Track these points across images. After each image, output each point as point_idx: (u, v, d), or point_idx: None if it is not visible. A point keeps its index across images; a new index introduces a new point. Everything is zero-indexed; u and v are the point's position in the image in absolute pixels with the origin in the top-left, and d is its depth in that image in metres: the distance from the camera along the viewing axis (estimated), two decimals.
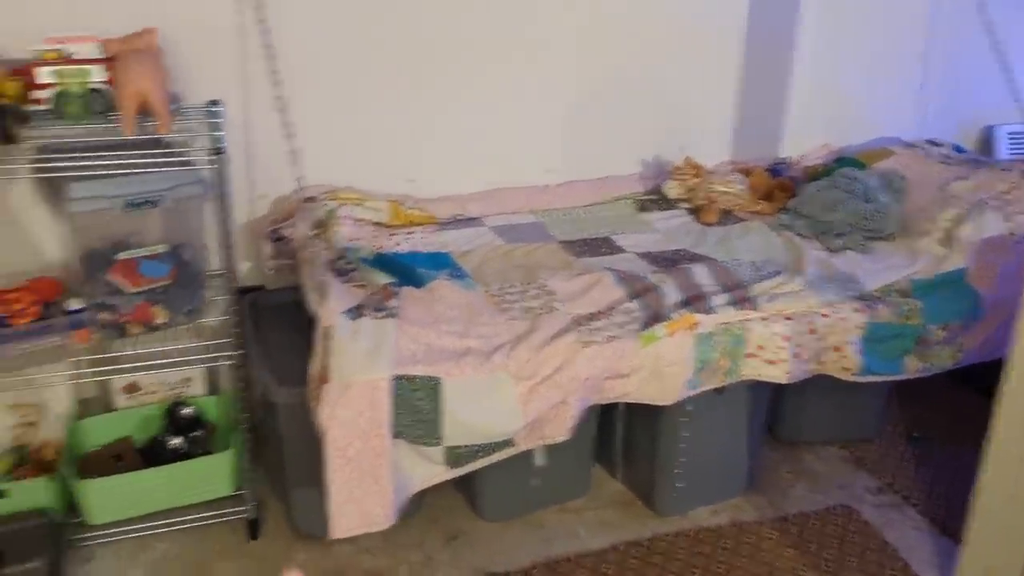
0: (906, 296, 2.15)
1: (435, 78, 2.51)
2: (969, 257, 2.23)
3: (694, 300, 2.05)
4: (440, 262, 2.24)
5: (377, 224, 2.41)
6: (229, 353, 2.05)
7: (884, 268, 2.23)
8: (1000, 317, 2.18)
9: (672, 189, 2.63)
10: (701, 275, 2.14)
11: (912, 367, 2.15)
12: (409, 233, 2.39)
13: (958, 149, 2.88)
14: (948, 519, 2.20)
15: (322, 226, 2.28)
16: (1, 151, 1.81)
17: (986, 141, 3.20)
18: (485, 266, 2.25)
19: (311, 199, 2.36)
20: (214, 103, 2.08)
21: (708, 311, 2.00)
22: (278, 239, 2.31)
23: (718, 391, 2.06)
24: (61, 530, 1.91)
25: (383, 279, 2.04)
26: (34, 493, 1.92)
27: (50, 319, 1.89)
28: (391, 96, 2.48)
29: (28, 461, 2.10)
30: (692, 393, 2.01)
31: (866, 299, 2.12)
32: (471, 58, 2.53)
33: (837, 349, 2.07)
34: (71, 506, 2.02)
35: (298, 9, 2.27)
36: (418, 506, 2.15)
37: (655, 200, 2.68)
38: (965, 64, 3.10)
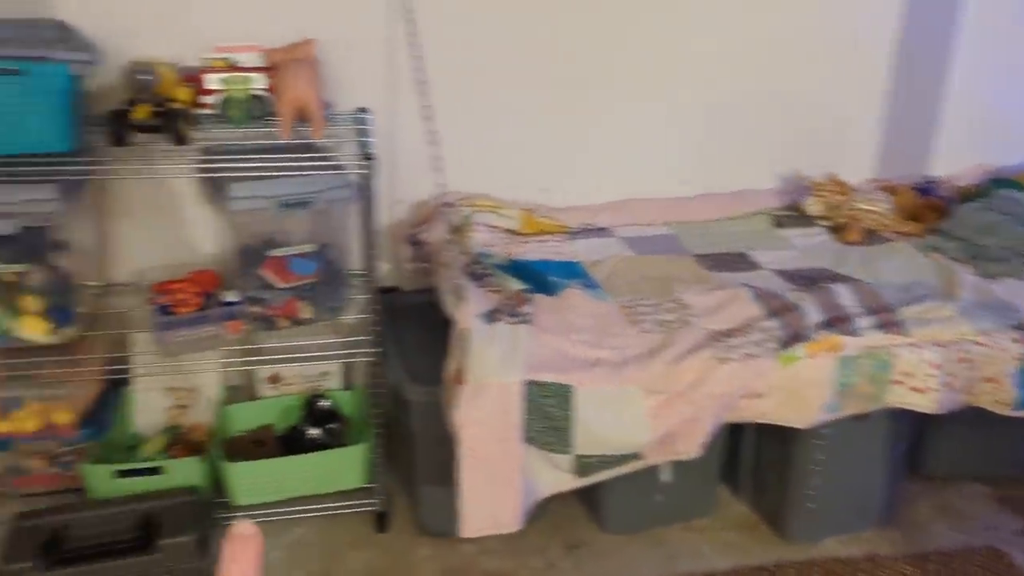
0: None
1: (572, 89, 2.53)
2: None
3: (837, 321, 1.98)
4: (572, 271, 2.25)
5: (509, 231, 2.45)
6: (366, 350, 2.13)
7: None
8: None
9: (813, 206, 2.55)
10: (844, 296, 2.06)
11: None
12: (540, 241, 2.42)
13: None
14: None
15: (458, 231, 2.34)
16: (172, 151, 1.95)
17: None
18: (616, 277, 2.24)
19: (448, 205, 2.42)
20: (363, 111, 2.18)
21: (852, 333, 1.93)
22: (416, 242, 2.38)
23: (858, 417, 1.98)
24: (209, 508, 2.03)
25: (517, 285, 2.07)
26: (186, 471, 2.05)
27: (208, 310, 2.01)
28: (529, 107, 2.51)
29: (180, 441, 2.24)
30: (830, 417, 1.94)
31: None
32: (609, 69, 2.54)
33: (992, 381, 1.95)
34: (217, 486, 2.14)
35: (446, 22, 2.34)
36: (541, 513, 2.16)
37: (793, 216, 2.61)
38: None
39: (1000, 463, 2.35)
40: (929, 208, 2.54)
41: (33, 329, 1.91)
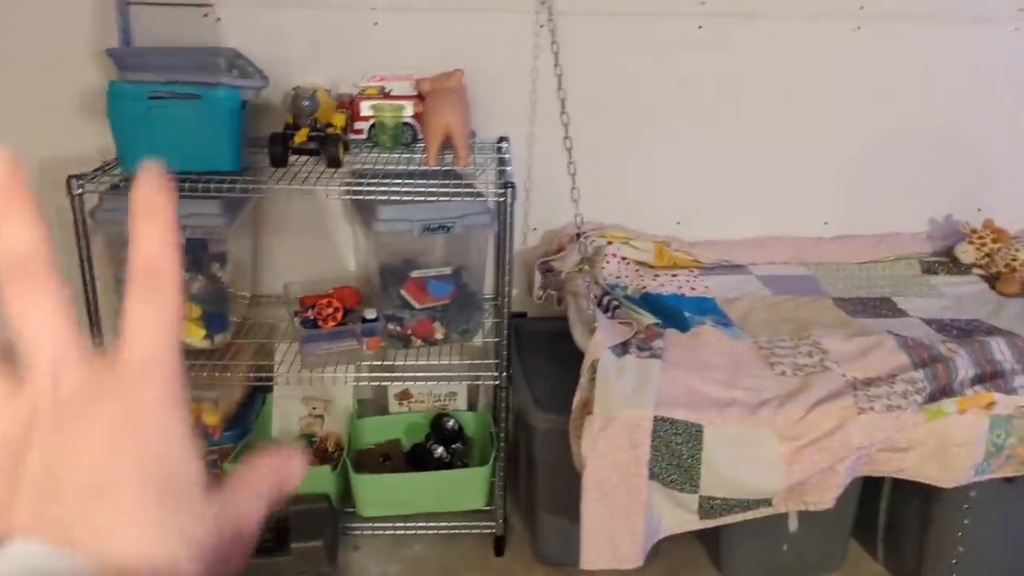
0: None
1: (712, 123, 2.50)
2: None
3: (991, 377, 1.86)
4: (705, 307, 2.22)
5: (641, 264, 2.44)
6: (494, 373, 2.16)
7: None
8: None
9: (966, 253, 2.42)
10: (1000, 350, 1.94)
11: None
12: (673, 275, 2.40)
13: None
14: None
15: (589, 261, 2.35)
16: (325, 174, 2.06)
17: None
18: (751, 316, 2.19)
19: (582, 234, 2.43)
20: (504, 139, 2.23)
21: (1008, 391, 1.81)
22: (547, 270, 2.41)
23: (1010, 480, 1.85)
24: (337, 516, 2.10)
25: (648, 319, 2.06)
26: (318, 479, 2.14)
27: (349, 325, 2.10)
28: (667, 139, 2.50)
29: (313, 450, 2.34)
30: (979, 479, 1.82)
31: None
32: (750, 104, 2.50)
33: None
34: (346, 496, 2.22)
35: (589, 55, 2.37)
36: (661, 552, 2.12)
37: (943, 263, 2.48)
38: None
39: None
40: None
41: (191, 334, 2.06)
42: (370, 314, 2.10)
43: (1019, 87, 2.51)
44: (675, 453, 1.78)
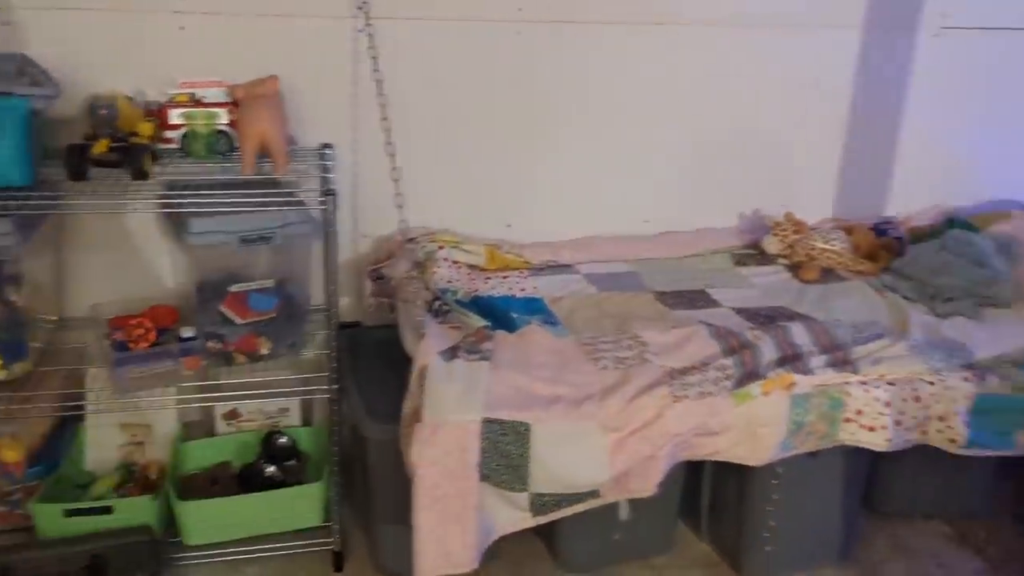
0: (1020, 367, 2.04)
1: (536, 127, 2.56)
2: None
3: (791, 359, 2.00)
4: (534, 307, 2.27)
5: (473, 267, 2.46)
6: (325, 387, 2.12)
7: (996, 337, 2.13)
8: None
9: (771, 244, 2.59)
10: (799, 334, 2.09)
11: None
12: (504, 277, 2.43)
13: None
14: None
15: (420, 267, 2.35)
16: (133, 186, 1.94)
17: None
18: (577, 313, 2.26)
19: (411, 240, 2.43)
20: (326, 146, 2.19)
21: (806, 371, 1.96)
22: (378, 278, 2.38)
23: (812, 455, 2.00)
24: (160, 548, 1.99)
25: (478, 322, 2.08)
26: (137, 510, 2.01)
27: (165, 345, 1.99)
28: (494, 143, 2.54)
29: (134, 479, 2.20)
30: (785, 455, 1.96)
31: (976, 368, 2.03)
32: (573, 108, 2.58)
33: (942, 419, 1.98)
34: (170, 525, 2.10)
35: (411, 59, 2.37)
36: (499, 552, 2.15)
37: (752, 255, 2.65)
38: None
39: (956, 502, 2.37)
40: (884, 248, 2.59)
41: None
42: (187, 332, 2.00)
43: (813, 90, 2.72)
44: (504, 453, 1.81)
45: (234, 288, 2.05)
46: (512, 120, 2.54)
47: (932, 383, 1.97)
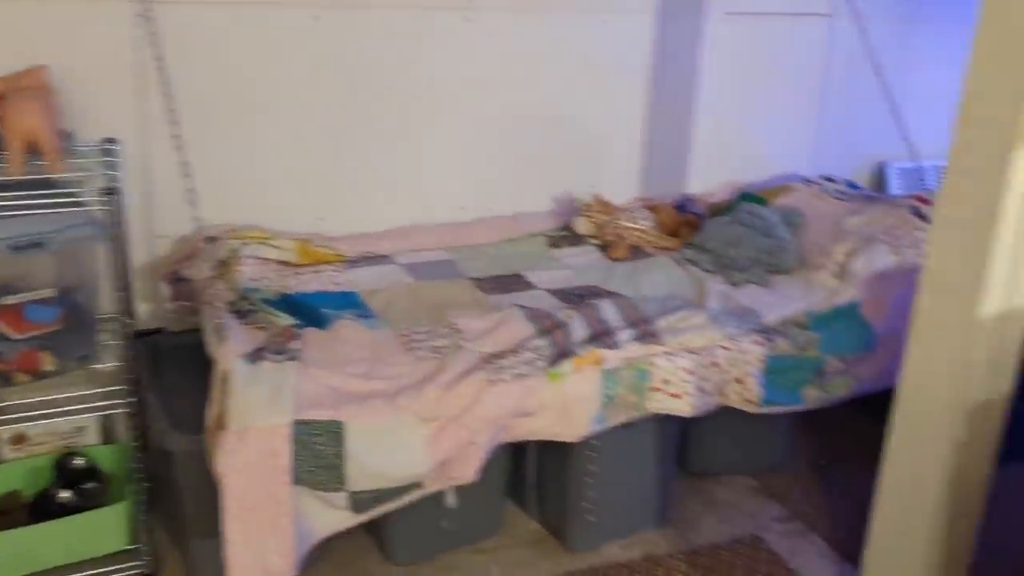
0: (803, 328, 2.22)
1: (343, 116, 2.50)
2: (861, 290, 2.32)
3: (600, 336, 2.07)
4: (347, 302, 2.21)
5: (284, 263, 2.37)
6: (124, 400, 1.97)
7: (783, 301, 2.30)
8: (892, 348, 2.26)
9: (582, 226, 2.67)
10: (608, 311, 2.16)
11: (811, 398, 2.22)
12: (317, 272, 2.36)
13: (852, 185, 3.01)
14: (849, 545, 2.26)
15: (224, 266, 2.23)
16: None
17: (879, 177, 3.36)
18: (393, 305, 2.23)
19: (213, 238, 2.31)
20: (110, 141, 2.03)
21: (613, 346, 2.03)
22: (178, 280, 2.24)
23: (625, 426, 2.08)
24: None
25: (285, 320, 2.00)
26: None
27: None
28: (297, 134, 2.45)
29: None
30: (599, 428, 2.02)
31: (766, 332, 2.18)
32: (381, 96, 2.53)
33: (739, 381, 2.12)
34: None
35: (198, 46, 2.24)
36: (328, 552, 2.09)
37: (566, 237, 2.72)
38: (859, 104, 3.25)
39: (759, 457, 2.55)
40: (686, 224, 2.74)
41: None
42: None
43: (614, 74, 2.82)
44: (318, 454, 1.75)
45: (6, 300, 1.86)
46: (316, 109, 2.46)
47: (728, 349, 2.10)
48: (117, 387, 1.98)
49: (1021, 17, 1.45)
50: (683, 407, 2.07)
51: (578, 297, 2.29)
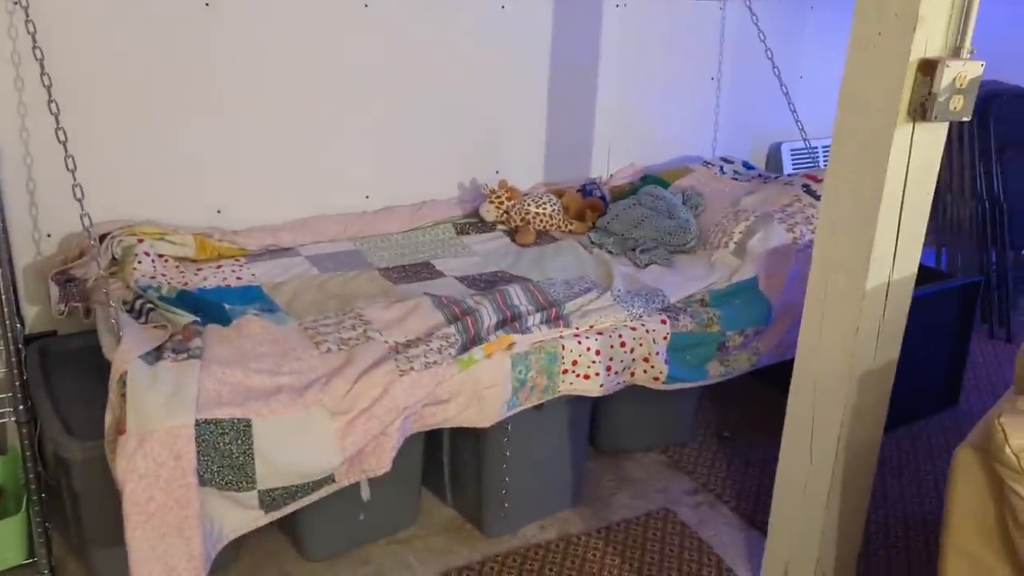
0: (705, 306, 2.28)
1: (239, 104, 2.42)
2: (759, 266, 2.41)
3: (510, 321, 2.08)
4: (250, 296, 2.16)
5: (182, 259, 2.30)
6: (14, 408, 1.88)
7: (685, 280, 2.36)
8: (789, 320, 2.36)
9: (489, 212, 2.68)
10: (517, 296, 2.18)
11: (715, 372, 2.29)
12: (218, 267, 2.29)
13: (747, 166, 3.11)
14: (756, 513, 2.36)
15: (118, 264, 2.14)
16: None
17: (774, 157, 3.49)
18: (299, 298, 2.18)
19: (106, 236, 2.21)
20: None
21: (523, 331, 2.04)
22: (69, 280, 2.14)
23: (537, 408, 2.10)
24: None
25: (185, 318, 1.93)
26: None
27: None
28: (190, 125, 2.37)
29: None
30: (511, 413, 2.04)
31: (670, 310, 2.23)
32: (280, 84, 2.47)
33: (646, 360, 2.17)
34: None
35: (79, 32, 2.13)
36: (242, 553, 2.05)
37: (474, 223, 2.72)
38: (753, 87, 3.36)
39: (668, 432, 2.62)
40: (591, 207, 2.77)
41: None
42: None
43: (514, 59, 2.83)
44: (225, 454, 1.71)
45: None
46: (211, 98, 2.38)
47: (634, 328, 2.15)
48: (6, 394, 1.88)
49: (897, 0, 1.52)
50: (593, 387, 2.10)
51: (487, 283, 2.30)
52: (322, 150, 2.59)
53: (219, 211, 2.48)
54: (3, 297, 1.82)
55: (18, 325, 1.91)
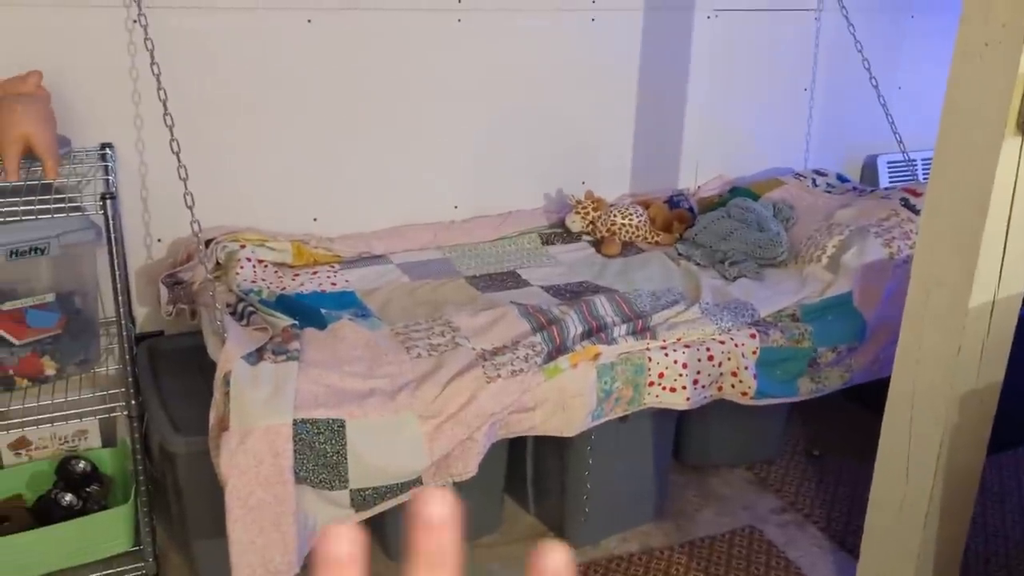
0: (796, 321, 2.24)
1: (338, 116, 2.51)
2: (853, 281, 2.35)
3: (596, 331, 2.09)
4: (345, 302, 2.23)
5: (280, 265, 2.39)
6: (125, 403, 1.99)
7: (775, 294, 2.32)
8: (884, 338, 2.29)
9: (574, 222, 2.69)
10: (603, 306, 2.18)
11: (805, 389, 2.24)
12: (313, 273, 2.38)
13: (841, 178, 3.03)
14: (846, 535, 2.29)
15: (222, 268, 2.25)
16: None
17: (869, 170, 3.39)
18: (390, 304, 2.25)
19: (211, 241, 2.32)
20: (106, 146, 2.04)
21: (609, 341, 2.05)
22: (177, 283, 2.26)
23: (622, 420, 2.10)
24: None
25: (284, 321, 2.02)
26: None
27: None
28: (292, 136, 2.47)
29: None
30: (596, 423, 2.04)
31: (759, 325, 2.20)
32: (374, 97, 2.55)
33: (734, 374, 2.14)
34: None
35: (193, 51, 2.25)
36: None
37: (559, 233, 2.74)
38: (848, 98, 3.28)
39: (755, 448, 2.58)
40: (678, 219, 2.76)
41: None
42: None
43: (603, 70, 2.84)
44: (320, 453, 1.77)
45: (7, 306, 1.87)
46: (310, 111, 2.47)
47: (722, 342, 2.13)
48: (118, 390, 1.99)
49: (1004, 8, 1.48)
50: (679, 401, 2.09)
51: (573, 293, 2.32)
52: (412, 161, 2.66)
53: (315, 219, 2.57)
54: (119, 298, 1.94)
55: (130, 325, 2.02)
